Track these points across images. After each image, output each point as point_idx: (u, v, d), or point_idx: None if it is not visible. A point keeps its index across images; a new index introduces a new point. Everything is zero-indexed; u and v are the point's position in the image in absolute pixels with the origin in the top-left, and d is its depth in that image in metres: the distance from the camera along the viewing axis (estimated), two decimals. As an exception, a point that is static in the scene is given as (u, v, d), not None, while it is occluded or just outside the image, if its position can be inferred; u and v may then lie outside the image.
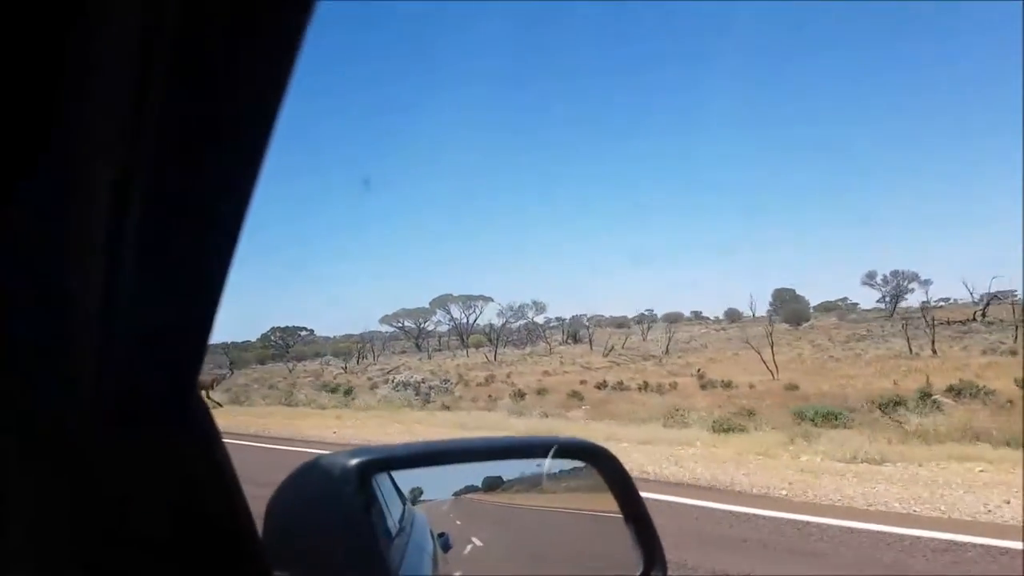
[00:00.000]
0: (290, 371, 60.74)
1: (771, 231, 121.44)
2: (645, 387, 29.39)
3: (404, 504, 1.47)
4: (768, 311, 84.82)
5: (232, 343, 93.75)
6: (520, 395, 26.25)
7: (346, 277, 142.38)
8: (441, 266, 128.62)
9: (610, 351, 56.66)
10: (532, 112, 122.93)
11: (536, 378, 38.60)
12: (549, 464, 1.31)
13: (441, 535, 1.47)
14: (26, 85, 0.42)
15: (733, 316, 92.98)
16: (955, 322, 47.73)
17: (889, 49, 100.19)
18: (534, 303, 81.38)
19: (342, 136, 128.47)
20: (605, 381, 32.79)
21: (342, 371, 58.21)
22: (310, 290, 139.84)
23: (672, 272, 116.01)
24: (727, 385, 28.54)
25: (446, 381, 29.90)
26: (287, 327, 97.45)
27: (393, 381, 28.75)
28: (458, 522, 1.49)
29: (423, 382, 28.43)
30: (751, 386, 28.13)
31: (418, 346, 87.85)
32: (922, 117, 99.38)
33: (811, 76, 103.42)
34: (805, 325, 69.82)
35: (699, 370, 37.09)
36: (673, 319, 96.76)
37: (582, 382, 33.94)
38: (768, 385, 28.62)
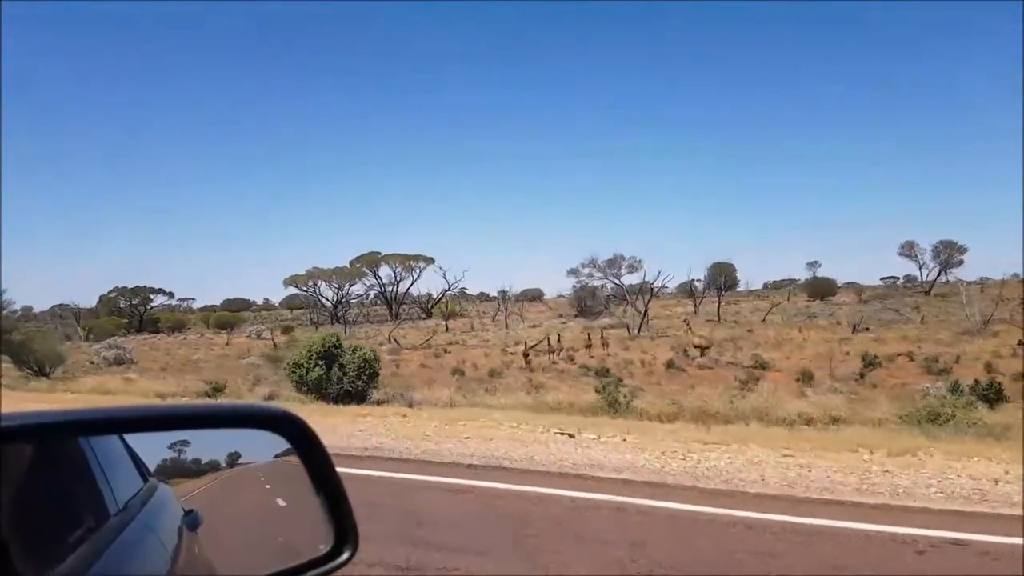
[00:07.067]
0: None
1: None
2: None
3: (145, 481, 1.39)
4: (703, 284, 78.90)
5: (60, 307, 67.93)
6: None
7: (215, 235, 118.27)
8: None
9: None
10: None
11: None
12: (238, 434, 1.28)
13: (189, 512, 1.38)
14: None
15: (690, 291, 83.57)
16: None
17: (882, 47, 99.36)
18: (618, 256, 59.77)
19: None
20: None
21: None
22: (160, 247, 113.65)
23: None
24: None
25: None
26: (137, 287, 72.49)
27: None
28: (267, 485, 1.45)
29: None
30: None
31: (336, 318, 67.84)
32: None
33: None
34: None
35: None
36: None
37: None
38: None
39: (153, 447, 1.31)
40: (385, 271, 74.58)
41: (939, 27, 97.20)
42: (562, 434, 9.72)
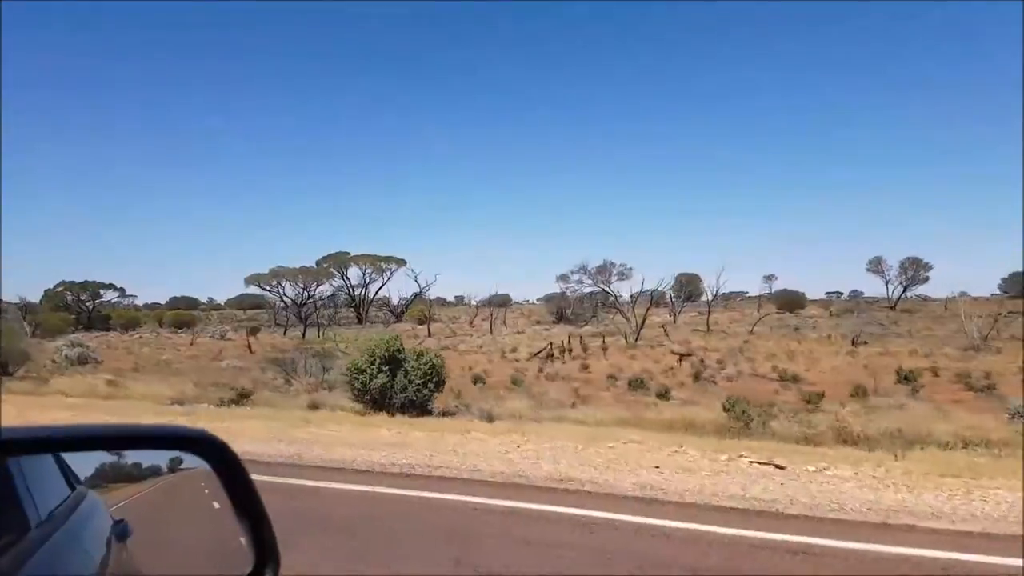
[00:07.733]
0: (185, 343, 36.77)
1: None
2: None
3: (73, 489, 1.35)
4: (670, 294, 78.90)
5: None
6: None
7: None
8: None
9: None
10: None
11: None
12: (155, 455, 1.26)
13: (119, 522, 1.36)
14: None
15: (668, 299, 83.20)
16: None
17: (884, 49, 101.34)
18: (608, 263, 57.59)
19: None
20: None
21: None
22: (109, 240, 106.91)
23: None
24: None
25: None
26: (86, 282, 67.38)
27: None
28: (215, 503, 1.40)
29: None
30: None
31: (303, 319, 64.59)
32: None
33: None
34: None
35: None
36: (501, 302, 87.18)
37: None
38: None
39: (89, 453, 1.27)
40: (353, 272, 71.54)
41: (937, 28, 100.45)
42: (762, 464, 8.05)
